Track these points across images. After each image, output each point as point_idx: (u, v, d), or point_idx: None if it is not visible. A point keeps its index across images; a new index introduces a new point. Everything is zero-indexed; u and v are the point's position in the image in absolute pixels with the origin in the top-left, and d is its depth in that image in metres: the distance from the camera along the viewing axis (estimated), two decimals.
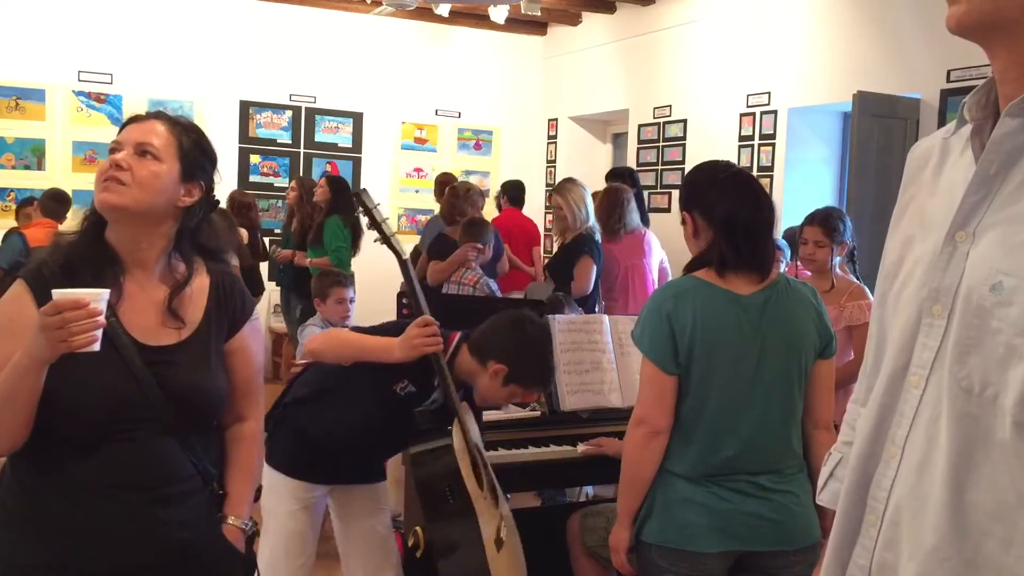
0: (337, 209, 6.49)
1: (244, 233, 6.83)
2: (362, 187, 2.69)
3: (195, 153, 1.83)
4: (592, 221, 5.18)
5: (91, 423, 1.70)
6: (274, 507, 2.72)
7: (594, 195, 5.51)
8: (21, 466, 1.75)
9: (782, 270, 4.30)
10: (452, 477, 2.44)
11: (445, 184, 6.87)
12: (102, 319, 1.59)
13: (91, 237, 1.79)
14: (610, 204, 5.41)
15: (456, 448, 2.47)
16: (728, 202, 2.32)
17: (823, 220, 3.81)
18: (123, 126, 1.83)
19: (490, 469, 2.64)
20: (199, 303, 1.85)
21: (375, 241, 2.59)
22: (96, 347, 1.59)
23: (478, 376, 2.57)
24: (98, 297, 1.58)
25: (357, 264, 6.45)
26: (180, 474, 1.78)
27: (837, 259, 3.82)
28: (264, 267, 7.34)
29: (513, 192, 7.36)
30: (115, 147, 1.78)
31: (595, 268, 5.04)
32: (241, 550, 1.89)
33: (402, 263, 2.52)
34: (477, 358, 2.56)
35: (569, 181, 5.32)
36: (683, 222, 2.43)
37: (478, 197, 6.43)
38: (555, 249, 5.10)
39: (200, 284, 1.86)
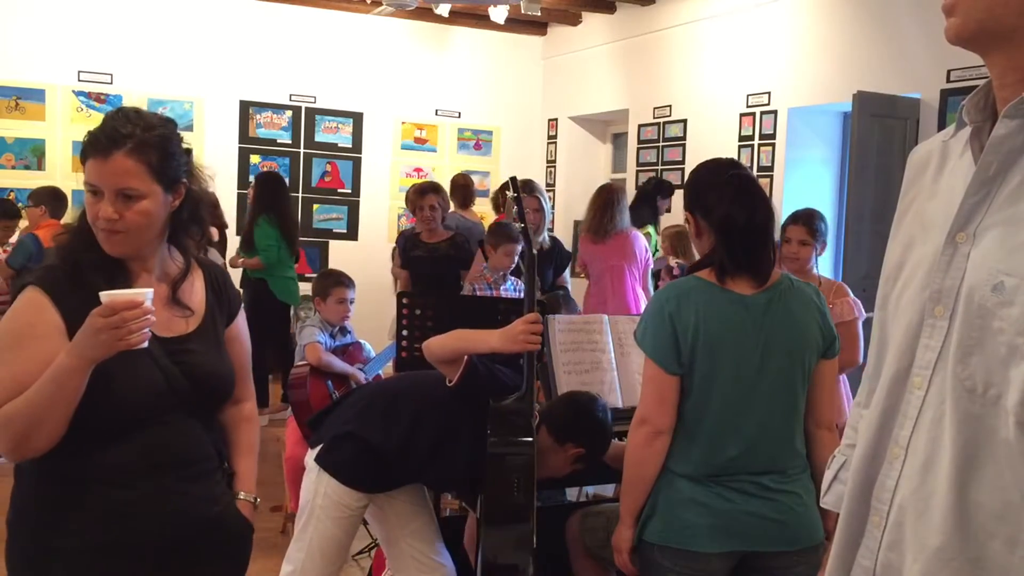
0: (264, 208, 6.46)
1: (215, 232, 6.79)
2: (512, 175, 2.85)
3: (167, 163, 1.80)
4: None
5: (130, 412, 1.79)
6: (320, 511, 2.68)
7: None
8: (52, 456, 1.76)
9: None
10: (524, 472, 2.50)
11: (458, 185, 6.78)
12: (153, 317, 1.70)
13: (89, 242, 1.81)
14: (603, 204, 5.38)
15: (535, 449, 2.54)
16: (724, 207, 2.31)
17: (807, 219, 3.90)
18: (84, 155, 1.77)
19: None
20: (199, 294, 1.95)
21: (518, 225, 2.71)
22: (146, 344, 1.70)
23: (553, 453, 2.65)
24: (146, 296, 1.69)
25: (353, 265, 6.40)
26: (204, 453, 1.91)
27: (816, 259, 3.89)
28: None
29: None
30: (93, 190, 1.76)
31: None
32: (252, 522, 2.01)
33: (530, 256, 2.62)
34: (555, 439, 2.64)
35: (534, 182, 5.19)
36: (686, 221, 2.43)
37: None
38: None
39: (196, 276, 1.97)
